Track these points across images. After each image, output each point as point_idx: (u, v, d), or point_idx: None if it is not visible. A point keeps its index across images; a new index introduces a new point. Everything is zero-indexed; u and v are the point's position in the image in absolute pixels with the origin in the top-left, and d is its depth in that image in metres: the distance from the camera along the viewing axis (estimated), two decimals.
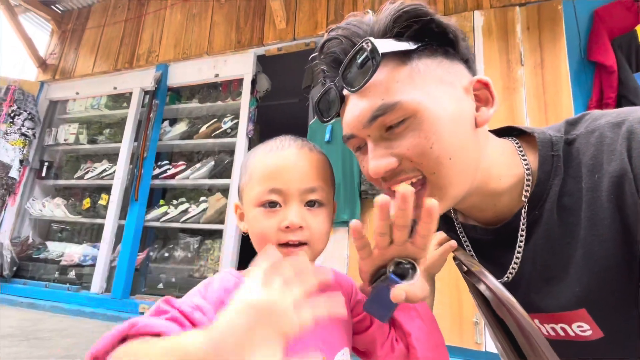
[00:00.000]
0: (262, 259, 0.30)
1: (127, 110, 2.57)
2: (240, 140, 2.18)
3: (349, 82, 0.40)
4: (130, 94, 2.60)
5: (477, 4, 1.85)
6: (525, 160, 0.44)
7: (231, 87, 2.43)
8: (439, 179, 0.39)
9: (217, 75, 2.38)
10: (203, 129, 2.41)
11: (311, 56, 0.45)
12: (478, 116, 0.41)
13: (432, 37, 0.39)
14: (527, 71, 1.67)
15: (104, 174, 2.58)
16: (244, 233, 0.45)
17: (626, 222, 0.36)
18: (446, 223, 0.53)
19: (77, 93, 2.82)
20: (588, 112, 0.44)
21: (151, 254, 2.38)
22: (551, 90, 1.61)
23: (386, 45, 0.38)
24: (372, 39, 0.37)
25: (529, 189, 0.43)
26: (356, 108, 0.40)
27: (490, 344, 1.43)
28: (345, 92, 0.42)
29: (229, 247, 2.02)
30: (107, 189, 2.51)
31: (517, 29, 1.73)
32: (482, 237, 0.48)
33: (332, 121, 0.46)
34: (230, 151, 2.31)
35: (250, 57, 2.29)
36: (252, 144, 2.22)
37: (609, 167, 0.37)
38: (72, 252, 2.49)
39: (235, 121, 2.30)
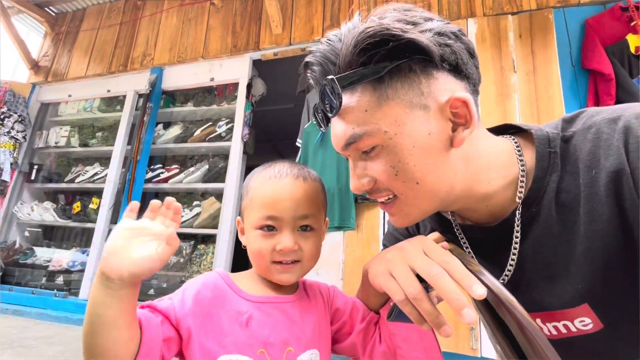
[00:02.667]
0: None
1: (120, 113, 2.55)
2: (235, 144, 2.17)
3: (326, 107, 0.43)
4: (124, 96, 2.58)
5: (471, 12, 1.88)
6: (521, 159, 0.45)
7: (226, 91, 2.42)
8: (407, 199, 0.42)
9: (212, 79, 2.37)
10: (197, 132, 2.39)
11: (303, 62, 0.47)
12: (454, 136, 0.41)
13: (405, 53, 0.39)
14: (520, 78, 1.70)
15: (95, 178, 2.54)
16: (243, 246, 0.52)
17: (625, 216, 0.36)
18: (442, 224, 0.53)
19: (70, 95, 2.79)
20: (584, 109, 0.44)
21: None
22: (543, 97, 1.64)
23: (349, 78, 0.40)
24: (332, 77, 0.40)
25: (523, 188, 0.43)
26: (335, 130, 0.44)
27: (486, 350, 1.42)
28: None
29: (223, 252, 1.99)
30: (98, 193, 2.47)
31: (510, 37, 1.76)
32: (480, 236, 0.48)
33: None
34: (225, 155, 2.29)
35: (246, 61, 2.29)
36: (247, 147, 2.21)
37: (606, 162, 0.37)
38: (60, 257, 2.43)
39: (230, 125, 2.29)
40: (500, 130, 0.50)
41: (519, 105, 1.66)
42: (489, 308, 0.50)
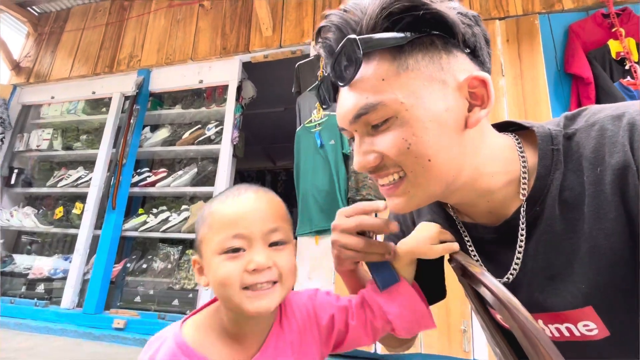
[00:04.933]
0: None
1: (105, 115, 2.48)
2: (225, 147, 2.14)
3: (338, 76, 0.40)
4: (110, 99, 2.52)
5: None
6: (523, 157, 0.44)
7: (216, 94, 2.39)
8: (416, 178, 0.40)
9: (201, 81, 2.34)
10: (186, 135, 2.35)
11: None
12: (469, 117, 0.40)
13: (428, 27, 0.38)
14: (508, 81, 1.73)
15: (79, 182, 2.46)
16: (205, 288, 0.44)
17: (631, 216, 0.36)
18: (447, 220, 0.52)
19: (53, 97, 2.71)
20: (586, 106, 0.43)
21: (128, 265, 2.26)
22: (531, 100, 1.67)
23: (372, 41, 0.37)
24: (355, 37, 0.37)
25: (526, 186, 0.42)
26: (345, 102, 0.41)
27: (478, 352, 1.42)
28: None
29: None
30: (82, 198, 2.39)
31: (498, 41, 1.79)
32: (484, 236, 0.47)
33: (331, 108, 0.48)
34: (214, 158, 2.25)
35: (235, 63, 2.27)
36: (236, 150, 2.18)
37: (611, 159, 0.37)
38: (41, 264, 2.34)
39: (220, 128, 2.25)
40: (501, 127, 0.49)
41: (507, 108, 1.68)
42: (487, 311, 0.49)
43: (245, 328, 0.44)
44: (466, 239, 0.49)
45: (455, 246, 0.44)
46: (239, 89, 2.23)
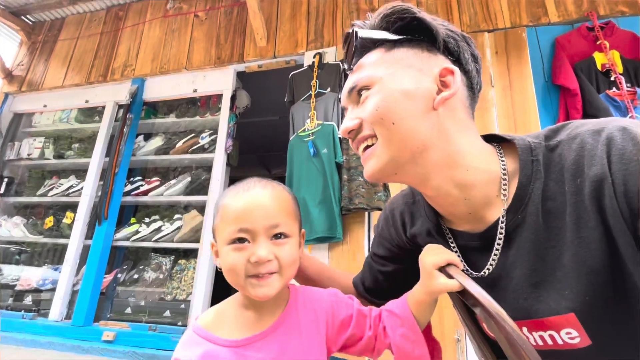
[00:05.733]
0: None
1: (98, 124, 2.47)
2: (219, 156, 2.13)
3: (347, 62, 0.53)
4: (103, 107, 2.51)
5: None
6: (503, 161, 0.46)
7: (210, 103, 2.40)
8: (382, 138, 0.46)
9: (195, 91, 2.35)
10: (180, 144, 2.34)
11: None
12: (436, 98, 0.46)
13: (416, 32, 0.48)
14: (498, 92, 1.76)
15: (70, 191, 2.43)
16: (219, 269, 0.51)
17: (607, 224, 0.37)
18: (436, 227, 0.53)
19: (45, 106, 2.69)
20: (569, 121, 0.46)
21: (119, 275, 2.23)
22: (520, 111, 1.70)
23: (370, 34, 0.49)
24: (357, 29, 0.49)
25: (506, 188, 0.44)
26: (346, 82, 0.52)
27: None
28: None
29: (204, 266, 1.93)
30: (72, 207, 2.36)
31: (487, 53, 1.83)
32: (469, 243, 0.48)
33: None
34: (208, 167, 2.25)
35: (230, 73, 2.29)
36: (230, 159, 2.18)
37: (589, 171, 0.39)
38: (29, 275, 2.29)
39: (214, 136, 2.25)
40: (484, 139, 0.52)
41: (497, 119, 1.72)
42: (475, 322, 0.49)
43: (257, 306, 0.49)
44: (452, 245, 0.50)
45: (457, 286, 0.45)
46: (233, 98, 2.24)
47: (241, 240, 0.46)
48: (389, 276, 0.63)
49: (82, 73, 2.63)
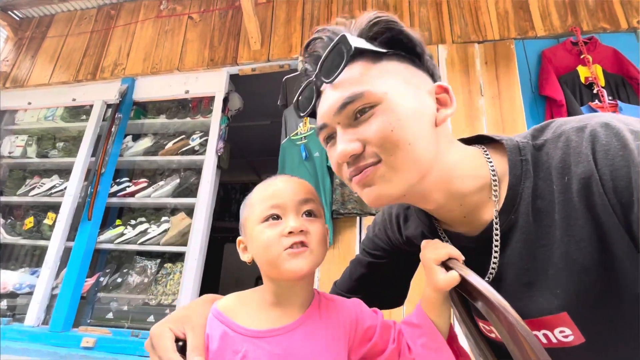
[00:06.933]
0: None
1: (85, 123, 2.41)
2: (209, 158, 2.11)
3: (326, 73, 0.45)
4: (91, 106, 2.45)
5: (441, 39, 2.00)
6: (491, 163, 0.47)
7: (202, 105, 2.37)
8: (395, 161, 0.42)
9: (187, 92, 2.32)
10: (169, 145, 2.31)
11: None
12: (438, 116, 0.45)
13: (401, 47, 0.45)
14: (487, 102, 1.80)
15: (52, 191, 2.35)
16: (249, 262, 0.52)
17: (598, 221, 0.37)
18: (431, 233, 0.53)
19: (30, 103, 2.61)
20: (553, 119, 0.46)
21: (101, 279, 2.15)
22: (508, 119, 1.75)
23: (360, 42, 0.43)
24: (347, 34, 0.43)
25: (497, 189, 0.45)
26: (330, 98, 0.45)
27: None
28: (322, 86, 0.47)
29: (191, 270, 1.88)
30: (55, 207, 2.28)
31: (477, 63, 1.88)
32: (465, 245, 0.48)
33: (307, 116, 0.51)
34: (198, 170, 2.21)
35: (223, 75, 2.28)
36: (221, 162, 2.15)
37: (577, 169, 0.39)
38: (5, 279, 2.18)
39: (204, 139, 2.23)
40: (472, 140, 0.53)
41: (486, 127, 1.75)
42: (472, 319, 0.49)
43: (282, 299, 0.48)
44: None
45: (456, 275, 0.44)
46: (226, 101, 2.23)
47: (274, 217, 0.47)
48: (375, 268, 0.63)
49: (70, 71, 2.58)
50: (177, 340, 0.43)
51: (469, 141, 0.53)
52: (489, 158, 0.47)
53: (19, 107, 2.67)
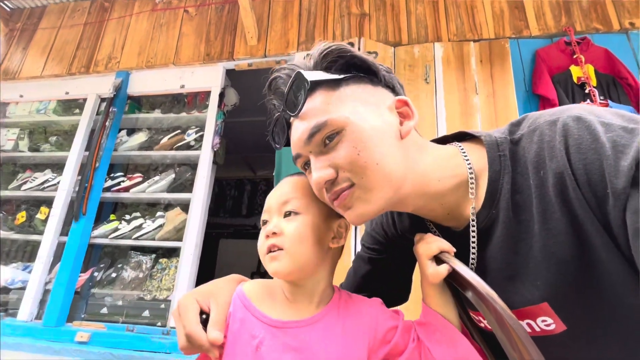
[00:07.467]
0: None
1: (78, 117, 2.38)
2: (205, 153, 2.10)
3: (290, 108, 0.47)
4: (85, 100, 2.42)
5: (437, 37, 2.01)
6: (467, 160, 0.48)
7: (197, 100, 2.36)
8: (367, 183, 0.44)
9: (182, 86, 2.31)
10: (164, 140, 2.29)
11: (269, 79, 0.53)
12: (402, 129, 0.47)
13: (357, 69, 0.48)
14: (482, 100, 1.82)
15: (45, 185, 2.33)
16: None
17: (574, 215, 0.38)
18: (423, 228, 0.54)
19: (21, 96, 2.57)
20: (528, 114, 0.48)
21: (95, 274, 2.14)
22: (502, 117, 1.77)
23: (315, 75, 0.46)
24: (302, 71, 0.46)
25: (474, 186, 0.46)
26: (298, 130, 0.47)
27: None
28: (291, 119, 0.50)
29: (187, 265, 1.88)
30: (48, 202, 2.26)
31: (472, 62, 1.90)
32: (454, 239, 0.49)
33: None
34: (193, 164, 2.21)
35: (219, 70, 2.26)
36: (217, 157, 2.15)
37: (551, 163, 0.40)
38: None
39: (200, 134, 2.22)
40: (453, 137, 0.54)
41: (481, 125, 1.77)
42: (464, 310, 0.51)
43: (296, 296, 0.49)
44: None
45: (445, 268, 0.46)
46: (222, 96, 2.22)
47: (264, 222, 0.51)
48: (376, 264, 0.64)
49: (63, 63, 2.54)
50: (201, 312, 0.45)
51: (451, 137, 0.54)
52: (465, 156, 0.48)
53: (10, 100, 2.62)
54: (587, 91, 1.74)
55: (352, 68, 0.47)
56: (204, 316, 0.45)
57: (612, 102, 1.69)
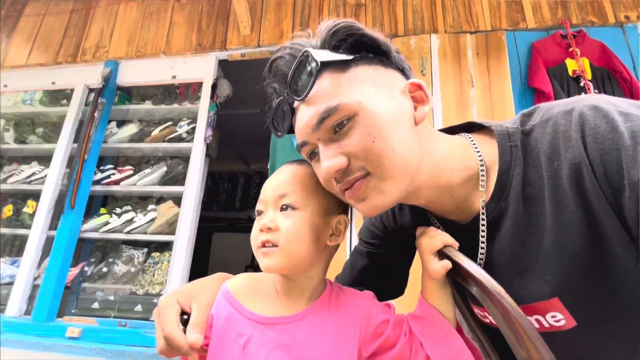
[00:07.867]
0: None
1: (66, 108, 2.31)
2: (197, 146, 2.06)
3: (296, 92, 0.44)
4: (72, 90, 2.35)
5: (434, 28, 1.99)
6: (478, 152, 0.46)
7: (189, 91, 2.31)
8: (383, 172, 0.41)
9: (174, 77, 2.25)
10: (156, 132, 2.24)
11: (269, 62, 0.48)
12: (416, 114, 0.45)
13: (367, 49, 0.44)
14: (478, 92, 1.81)
15: (32, 178, 2.27)
16: None
17: (589, 207, 0.37)
18: (425, 222, 0.52)
19: (6, 86, 2.49)
20: (540, 104, 0.46)
21: (86, 269, 2.10)
22: (498, 110, 1.76)
23: (324, 55, 0.42)
24: (310, 49, 0.42)
25: (484, 178, 0.44)
26: (305, 115, 0.44)
27: None
28: (295, 103, 0.46)
29: (180, 259, 1.86)
30: (35, 195, 2.20)
31: (468, 54, 1.88)
32: (458, 232, 0.48)
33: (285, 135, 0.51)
34: (185, 157, 2.17)
35: (211, 60, 2.21)
36: (209, 150, 2.11)
37: (566, 154, 0.38)
38: None
39: (192, 125, 2.17)
40: (461, 128, 0.52)
41: (476, 117, 1.77)
42: (467, 305, 0.50)
43: (287, 289, 0.48)
44: None
45: (448, 264, 0.44)
46: (214, 87, 2.17)
47: (259, 212, 0.48)
48: (374, 257, 0.63)
49: (49, 52, 2.45)
50: (183, 313, 0.43)
51: (458, 128, 0.52)
52: (476, 147, 0.47)
53: None
54: (582, 84, 1.74)
55: (362, 47, 0.44)
56: (185, 317, 0.43)
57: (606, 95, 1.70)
